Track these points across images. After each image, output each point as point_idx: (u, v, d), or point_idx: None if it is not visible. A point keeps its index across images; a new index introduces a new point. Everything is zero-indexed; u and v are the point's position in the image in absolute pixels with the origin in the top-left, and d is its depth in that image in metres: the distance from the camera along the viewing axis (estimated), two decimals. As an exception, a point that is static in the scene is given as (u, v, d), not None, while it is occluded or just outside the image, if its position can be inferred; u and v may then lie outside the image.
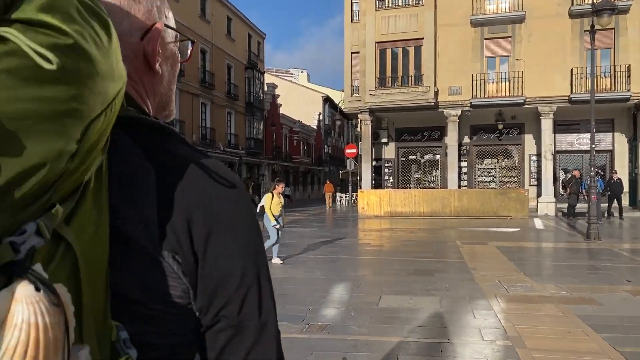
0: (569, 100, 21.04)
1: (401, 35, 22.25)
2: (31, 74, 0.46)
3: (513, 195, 20.09)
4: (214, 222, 0.69)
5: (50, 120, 0.48)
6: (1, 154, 0.45)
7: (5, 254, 0.46)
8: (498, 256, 10.63)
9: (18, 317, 0.45)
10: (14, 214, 0.47)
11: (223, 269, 0.70)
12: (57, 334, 0.47)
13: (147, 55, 0.77)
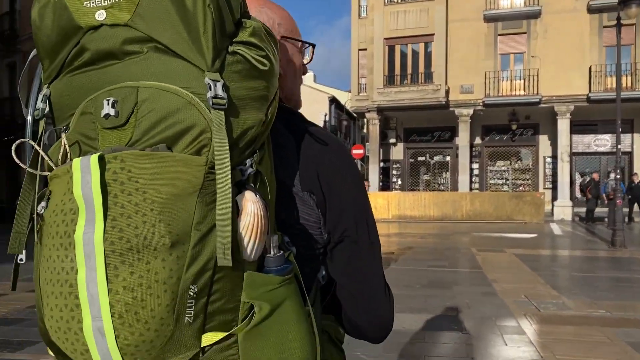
0: (587, 100, 20.06)
1: (411, 31, 21.34)
2: (248, 74, 0.79)
3: (528, 199, 19.13)
4: (333, 172, 0.97)
5: (256, 100, 0.81)
6: (234, 119, 0.77)
7: (237, 175, 0.78)
8: (519, 266, 9.72)
9: (248, 208, 0.77)
10: (241, 154, 0.80)
11: (342, 203, 0.97)
12: (266, 221, 0.79)
13: (294, 63, 1.09)
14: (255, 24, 0.81)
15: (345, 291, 1.00)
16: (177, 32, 0.75)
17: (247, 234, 0.76)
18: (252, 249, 0.77)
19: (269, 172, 0.85)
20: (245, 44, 0.79)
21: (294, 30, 1.09)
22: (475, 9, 21.19)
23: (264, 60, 0.79)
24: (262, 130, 0.82)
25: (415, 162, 24.52)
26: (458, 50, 21.37)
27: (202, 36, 0.75)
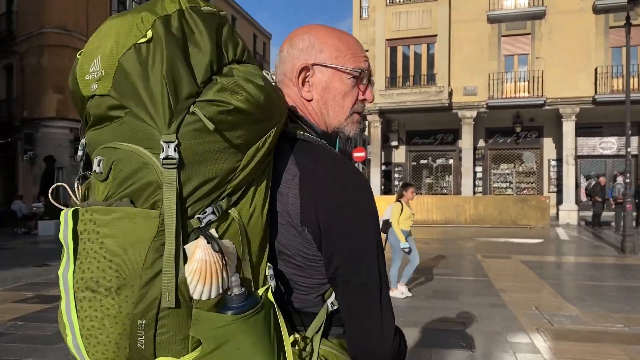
0: (592, 101, 19.67)
1: (413, 32, 20.99)
2: (207, 130, 0.85)
3: (533, 203, 18.74)
4: (332, 211, 0.97)
5: (220, 152, 0.87)
6: (190, 174, 0.85)
7: (194, 223, 0.87)
8: (526, 273, 9.34)
9: (197, 255, 0.85)
10: (200, 202, 0.87)
11: (336, 242, 0.97)
12: (216, 267, 0.86)
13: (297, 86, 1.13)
14: (225, 80, 0.87)
15: (344, 321, 1.03)
16: (141, 100, 0.85)
17: (194, 277, 0.86)
18: (200, 291, 0.86)
19: (253, 210, 0.94)
20: (207, 102, 0.86)
21: (340, 57, 1.10)
22: (478, 10, 20.83)
23: (223, 118, 0.86)
24: (234, 177, 0.90)
25: (418, 165, 24.16)
26: (461, 52, 21.01)
27: (159, 103, 0.84)
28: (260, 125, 0.91)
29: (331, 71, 1.10)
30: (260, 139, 0.91)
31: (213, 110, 0.85)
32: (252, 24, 40.25)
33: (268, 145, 0.93)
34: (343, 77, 1.11)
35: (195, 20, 0.89)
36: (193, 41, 0.87)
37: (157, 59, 0.84)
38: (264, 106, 0.90)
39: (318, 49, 1.10)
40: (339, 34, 1.14)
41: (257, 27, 41.49)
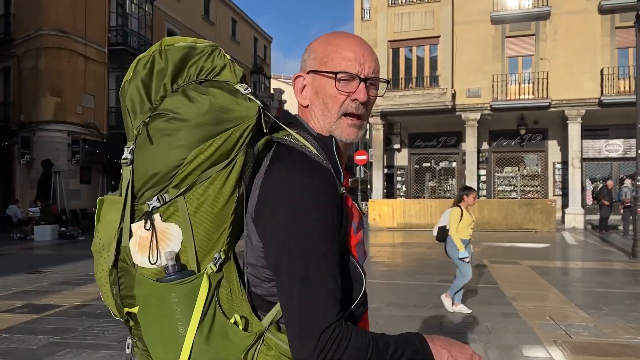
0: (598, 103, 19.34)
1: (416, 33, 20.69)
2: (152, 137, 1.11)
3: (539, 207, 18.38)
4: (268, 209, 1.06)
5: (162, 152, 1.10)
6: (137, 171, 1.12)
7: (144, 208, 1.11)
8: (536, 280, 9.00)
9: (135, 231, 1.11)
10: (150, 191, 1.11)
11: (268, 238, 1.07)
12: (149, 242, 1.09)
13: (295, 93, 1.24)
14: (172, 98, 1.11)
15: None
16: (127, 125, 1.16)
17: (133, 248, 1.12)
18: (138, 259, 1.11)
19: (203, 200, 1.10)
20: (156, 115, 1.10)
21: (328, 62, 1.17)
22: (482, 11, 20.53)
23: (165, 125, 1.09)
24: (178, 172, 1.09)
25: (420, 168, 23.82)
26: (464, 53, 20.70)
27: (128, 121, 1.15)
28: (202, 129, 1.08)
29: (319, 76, 1.17)
30: (205, 140, 1.08)
31: (159, 120, 1.10)
32: (252, 27, 40.00)
33: (216, 146, 1.09)
34: (329, 80, 1.16)
35: (164, 55, 1.13)
36: (156, 71, 1.12)
37: (124, 90, 1.15)
38: (203, 114, 1.08)
39: (311, 57, 1.20)
40: (335, 38, 1.20)
41: (258, 30, 41.25)
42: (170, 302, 1.08)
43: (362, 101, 1.16)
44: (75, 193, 20.84)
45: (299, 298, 1.01)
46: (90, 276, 9.45)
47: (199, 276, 1.09)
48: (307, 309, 1.00)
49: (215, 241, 1.12)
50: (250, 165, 1.15)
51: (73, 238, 16.62)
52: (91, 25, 21.62)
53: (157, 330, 1.11)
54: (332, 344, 0.98)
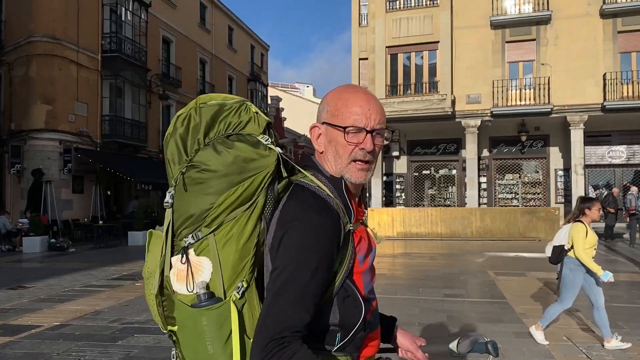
0: (601, 109, 18.95)
1: (414, 38, 20.32)
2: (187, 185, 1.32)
3: (542, 215, 17.94)
4: (276, 238, 1.24)
5: (196, 197, 1.29)
6: (177, 213, 1.32)
7: (182, 244, 1.30)
8: (546, 294, 8.54)
9: (174, 264, 1.31)
10: (186, 230, 1.30)
11: (274, 264, 1.23)
12: (185, 272, 1.28)
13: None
14: (202, 152, 1.30)
15: None
16: (168, 173, 1.38)
17: (172, 277, 1.30)
18: (176, 287, 1.30)
19: (229, 238, 1.27)
20: (191, 166, 1.29)
21: (339, 115, 1.34)
22: (481, 15, 20.19)
23: (198, 175, 1.28)
24: (209, 214, 1.28)
25: (420, 175, 23.37)
26: (464, 59, 20.33)
27: (169, 170, 1.35)
28: (228, 178, 1.26)
29: (331, 127, 1.35)
30: (231, 187, 1.26)
31: (193, 170, 1.29)
32: (249, 35, 39.67)
33: (240, 192, 1.27)
34: (339, 132, 1.33)
35: (198, 113, 1.33)
36: (191, 127, 1.32)
37: (166, 143, 1.37)
38: (229, 165, 1.26)
39: (325, 110, 1.38)
40: (345, 93, 1.37)
41: (255, 38, 40.93)
42: (201, 325, 1.24)
43: (368, 150, 1.32)
44: (67, 203, 20.33)
45: (265, 310, 1.17)
46: (75, 292, 8.97)
47: (225, 303, 1.24)
48: (268, 319, 1.16)
49: (240, 271, 1.27)
50: (271, 204, 1.31)
51: (63, 250, 16.10)
52: (84, 31, 21.21)
53: (191, 348, 1.28)
54: (275, 353, 1.12)
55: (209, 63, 32.55)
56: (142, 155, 24.89)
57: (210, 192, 1.26)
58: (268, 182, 1.30)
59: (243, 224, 1.26)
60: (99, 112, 22.19)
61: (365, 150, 1.32)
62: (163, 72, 27.01)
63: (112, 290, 9.09)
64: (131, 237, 18.16)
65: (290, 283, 1.17)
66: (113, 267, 12.18)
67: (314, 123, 1.41)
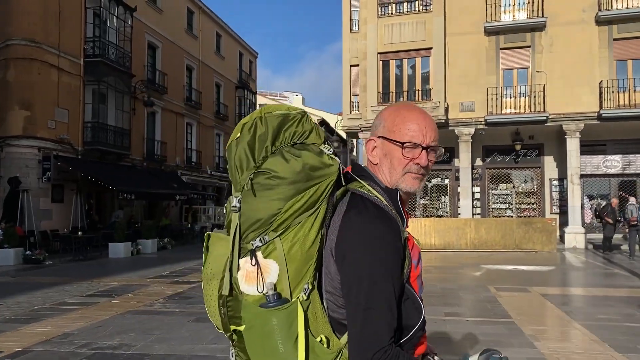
0: (598, 117, 18.57)
1: (407, 45, 19.84)
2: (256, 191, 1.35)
3: (539, 226, 17.44)
4: (341, 252, 1.31)
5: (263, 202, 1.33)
6: (245, 217, 1.35)
7: (249, 247, 1.33)
8: (553, 312, 7.96)
9: (242, 266, 1.34)
10: (253, 233, 1.33)
11: (340, 275, 1.31)
12: (254, 274, 1.32)
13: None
14: (272, 158, 1.35)
15: None
16: (234, 178, 1.40)
17: (241, 279, 1.34)
18: (244, 288, 1.34)
19: (294, 242, 1.32)
20: (260, 172, 1.33)
21: (396, 130, 1.43)
22: (475, 22, 19.78)
23: (268, 181, 1.32)
24: (275, 219, 1.32)
25: (412, 185, 22.78)
26: (457, 66, 19.89)
27: (236, 175, 1.38)
28: (296, 185, 1.31)
29: (388, 142, 1.43)
30: (298, 193, 1.31)
31: (262, 177, 1.33)
32: (237, 42, 39.10)
33: (306, 198, 1.32)
34: (396, 147, 1.41)
35: (264, 122, 1.37)
36: (258, 135, 1.36)
37: (232, 149, 1.40)
38: (297, 173, 1.31)
39: (382, 125, 1.47)
40: (403, 110, 1.46)
41: (243, 45, 40.37)
42: (271, 324, 1.30)
43: (423, 165, 1.42)
44: (46, 213, 19.48)
45: (361, 324, 1.25)
46: (44, 310, 8.23)
47: (293, 303, 1.31)
48: (365, 333, 1.23)
49: (304, 274, 1.34)
50: (330, 211, 1.39)
51: (39, 262, 15.28)
52: (65, 35, 20.47)
53: (260, 346, 1.33)
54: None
55: (196, 69, 31.90)
56: (125, 163, 24.12)
57: (278, 198, 1.31)
58: (330, 189, 1.37)
59: (307, 229, 1.33)
60: (80, 119, 21.42)
61: (420, 165, 1.42)
62: (148, 78, 26.31)
63: (85, 309, 8.36)
64: (112, 249, 17.37)
65: (375, 295, 1.25)
66: (89, 282, 11.43)
67: (370, 136, 1.51)
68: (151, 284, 11.08)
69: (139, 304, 8.80)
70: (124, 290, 10.30)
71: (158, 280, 11.75)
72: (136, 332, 6.76)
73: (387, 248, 1.27)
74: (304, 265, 1.32)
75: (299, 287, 1.32)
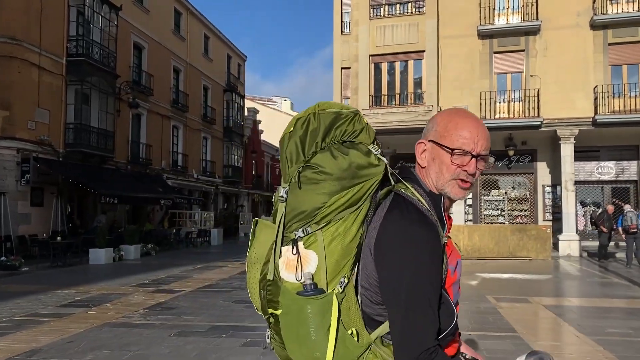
0: (592, 123, 18.28)
1: (399, 47, 19.43)
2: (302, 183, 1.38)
3: (533, 233, 17.06)
4: (380, 248, 1.33)
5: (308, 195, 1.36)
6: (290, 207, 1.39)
7: (292, 236, 1.37)
8: (559, 325, 7.52)
9: (284, 254, 1.39)
10: (297, 224, 1.37)
11: (381, 274, 1.34)
12: (294, 262, 1.35)
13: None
14: (320, 153, 1.37)
15: None
16: (284, 170, 1.44)
17: (281, 265, 1.38)
18: (284, 275, 1.37)
19: (335, 236, 1.35)
20: (309, 166, 1.36)
21: (447, 136, 1.42)
22: (469, 25, 19.44)
23: (316, 176, 1.35)
24: (319, 212, 1.35)
25: (403, 191, 22.36)
26: (450, 69, 19.52)
27: (286, 167, 1.42)
28: (341, 182, 1.33)
29: (438, 147, 1.43)
30: (343, 190, 1.34)
31: (309, 171, 1.36)
32: (226, 44, 38.54)
33: (350, 195, 1.34)
34: (446, 153, 1.41)
35: (317, 118, 1.40)
36: (310, 130, 1.39)
37: (284, 142, 1.44)
38: (343, 170, 1.33)
39: (434, 129, 1.46)
40: (456, 117, 1.45)
41: (232, 48, 39.82)
42: (305, 312, 1.33)
43: (470, 173, 1.42)
44: (24, 217, 18.71)
45: (406, 325, 1.27)
46: (13, 323, 7.59)
47: (329, 295, 1.33)
48: (411, 334, 1.26)
49: (342, 267, 1.36)
50: (373, 209, 1.41)
51: (15, 269, 14.56)
52: (47, 33, 19.78)
53: (294, 332, 1.37)
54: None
55: (183, 71, 31.28)
56: (109, 166, 23.41)
57: (323, 192, 1.35)
58: (375, 189, 1.40)
59: (349, 225, 1.35)
60: (62, 120, 20.71)
61: (468, 173, 1.42)
62: (134, 79, 25.66)
63: (58, 321, 7.74)
64: (93, 255, 16.67)
65: (417, 296, 1.27)
66: (66, 291, 10.78)
67: (421, 139, 1.51)
68: (132, 293, 10.46)
69: (117, 315, 8.20)
70: (102, 299, 9.68)
71: (139, 288, 11.14)
72: (112, 347, 6.18)
73: (426, 251, 1.29)
74: (342, 259, 1.36)
75: (335, 279, 1.36)
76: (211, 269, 15.22)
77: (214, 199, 35.78)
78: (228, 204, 39.10)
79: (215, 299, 9.62)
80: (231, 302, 9.27)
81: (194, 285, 11.53)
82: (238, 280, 12.41)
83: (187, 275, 13.62)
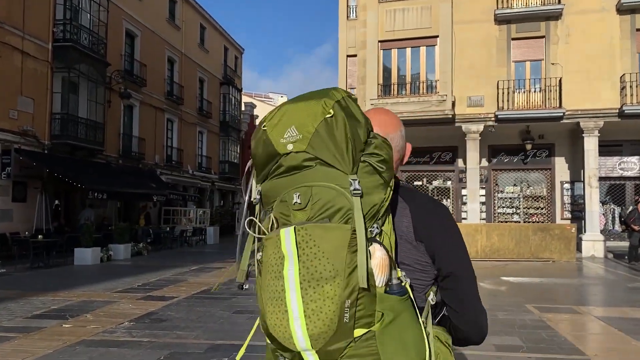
0: (619, 114, 17.00)
1: (410, 32, 18.07)
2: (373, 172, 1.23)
3: (556, 232, 15.77)
4: (434, 226, 1.40)
5: (379, 187, 1.23)
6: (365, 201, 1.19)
7: (368, 234, 1.19)
8: (624, 342, 6.23)
9: (377, 254, 1.19)
10: (370, 220, 1.21)
11: (445, 249, 1.39)
12: (387, 262, 1.20)
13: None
14: (377, 141, 1.26)
15: (453, 311, 1.42)
16: (332, 154, 1.20)
17: (376, 269, 1.19)
18: (380, 279, 1.20)
19: (390, 229, 1.27)
20: (370, 154, 1.24)
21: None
22: (485, 9, 18.10)
23: (380, 165, 1.23)
24: (383, 204, 1.23)
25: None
26: (465, 56, 18.18)
27: (345, 155, 1.20)
28: (391, 171, 1.27)
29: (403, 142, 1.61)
30: (391, 180, 1.27)
31: (373, 160, 1.24)
32: (223, 36, 37.13)
33: (392, 185, 1.28)
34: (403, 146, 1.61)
35: (351, 103, 1.27)
36: (353, 116, 1.25)
37: (340, 126, 1.21)
38: (391, 158, 1.28)
39: (403, 131, 1.60)
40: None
41: (229, 40, 38.40)
42: (404, 312, 1.25)
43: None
44: (5, 213, 17.31)
45: (475, 287, 1.42)
46: (-32, 341, 6.22)
47: (408, 292, 1.27)
48: (477, 292, 1.43)
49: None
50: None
51: (-9, 271, 13.17)
52: (31, 16, 18.36)
53: (402, 338, 1.23)
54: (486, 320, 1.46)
55: (177, 62, 29.87)
56: (99, 160, 22.01)
57: (385, 183, 1.27)
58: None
59: (390, 217, 1.31)
60: (48, 110, 19.29)
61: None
62: (125, 68, 24.24)
63: (25, 338, 6.39)
64: (78, 255, 15.27)
65: (470, 263, 1.42)
66: (42, 297, 9.41)
67: (391, 133, 1.57)
68: (117, 300, 9.11)
69: (97, 329, 6.85)
70: (81, 308, 8.31)
71: (127, 294, 9.78)
72: (83, 377, 4.83)
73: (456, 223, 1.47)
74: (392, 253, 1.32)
75: (394, 274, 1.32)
76: (208, 270, 13.87)
77: (209, 195, 34.40)
78: (224, 201, 37.76)
79: (214, 308, 8.28)
80: (232, 313, 7.93)
81: (189, 291, 10.18)
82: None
83: (181, 278, 12.26)
